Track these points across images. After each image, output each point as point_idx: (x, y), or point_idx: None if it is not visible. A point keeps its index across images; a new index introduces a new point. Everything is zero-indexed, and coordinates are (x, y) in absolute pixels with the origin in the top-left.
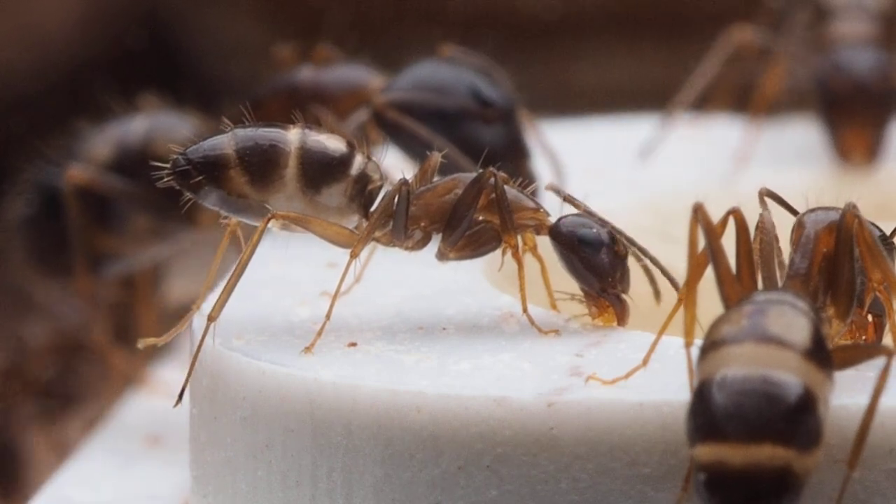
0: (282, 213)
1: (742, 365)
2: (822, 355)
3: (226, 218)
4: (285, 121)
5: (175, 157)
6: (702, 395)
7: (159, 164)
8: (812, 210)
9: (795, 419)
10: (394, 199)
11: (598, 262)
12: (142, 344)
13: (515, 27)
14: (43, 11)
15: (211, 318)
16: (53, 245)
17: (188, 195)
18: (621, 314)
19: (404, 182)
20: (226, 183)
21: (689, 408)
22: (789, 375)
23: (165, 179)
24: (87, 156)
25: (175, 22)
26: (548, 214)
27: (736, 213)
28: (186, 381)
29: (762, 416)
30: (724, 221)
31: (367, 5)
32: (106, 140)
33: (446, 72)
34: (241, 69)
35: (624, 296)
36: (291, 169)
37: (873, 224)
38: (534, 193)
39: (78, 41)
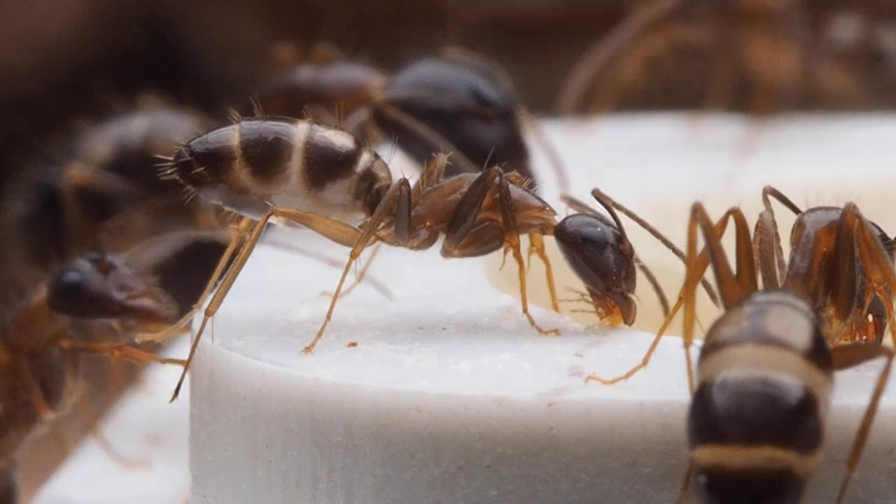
0: (282, 209)
1: (742, 367)
2: (823, 356)
3: (231, 216)
4: None
5: (178, 148)
6: (702, 397)
7: (162, 158)
8: (812, 210)
9: (796, 421)
10: (394, 198)
11: (602, 261)
12: (139, 339)
13: (515, 27)
14: (43, 12)
15: (208, 313)
16: (53, 244)
17: (190, 189)
18: (627, 313)
19: (404, 181)
20: (228, 175)
21: (689, 410)
22: (790, 377)
23: (168, 172)
24: (86, 155)
25: (175, 22)
26: (554, 213)
27: (736, 213)
28: (183, 375)
29: (762, 419)
30: (723, 221)
31: (367, 5)
32: (106, 140)
33: (446, 71)
34: (241, 69)
35: (630, 295)
36: (295, 163)
37: (873, 224)
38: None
39: (78, 41)
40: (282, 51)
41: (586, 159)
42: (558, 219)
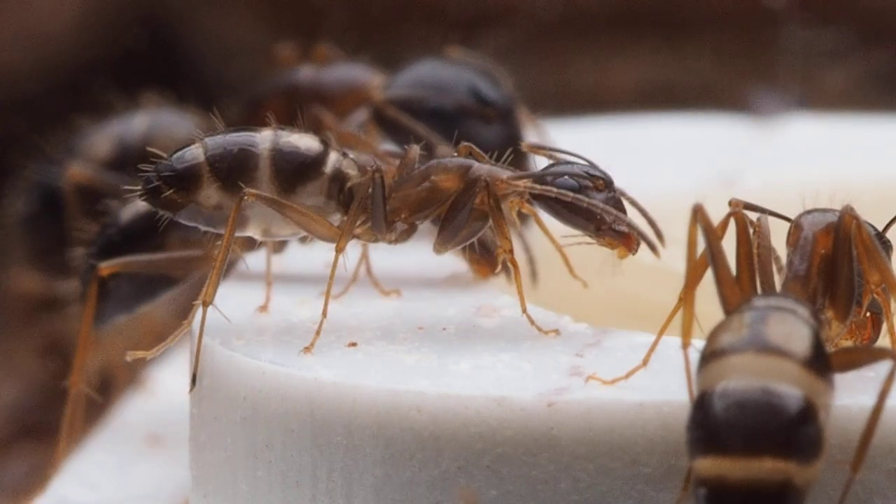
0: (254, 191)
1: (742, 376)
2: (823, 363)
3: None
4: (286, 120)
5: (146, 175)
6: (702, 406)
7: (131, 189)
8: (809, 211)
9: (796, 431)
10: (368, 188)
11: (582, 206)
12: (130, 357)
13: (515, 27)
14: (43, 12)
15: (206, 303)
16: (53, 243)
17: (163, 214)
18: (628, 245)
19: (376, 169)
20: (198, 194)
21: (689, 419)
22: (789, 387)
23: (140, 199)
24: (87, 153)
25: (175, 22)
26: (527, 179)
27: (737, 214)
28: (196, 365)
29: (763, 429)
30: (724, 223)
31: (367, 5)
32: (106, 138)
33: (447, 70)
34: (241, 69)
35: (622, 227)
36: (263, 171)
37: (870, 225)
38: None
39: (78, 41)
40: (282, 50)
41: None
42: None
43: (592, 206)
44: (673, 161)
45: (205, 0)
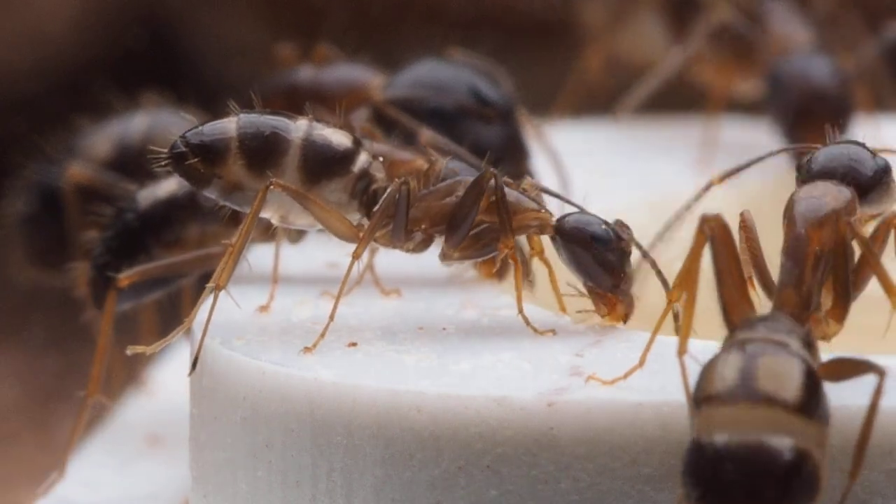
0: (281, 182)
1: (734, 430)
2: (816, 402)
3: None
4: None
5: (174, 139)
6: (698, 457)
7: (157, 150)
8: (801, 199)
9: (789, 485)
10: (394, 198)
11: (609, 259)
12: (130, 351)
13: (515, 27)
14: (43, 12)
15: (219, 287)
16: (53, 243)
17: (185, 182)
18: (631, 311)
19: (404, 181)
20: (222, 168)
21: (684, 464)
22: (782, 438)
23: (162, 164)
24: (87, 153)
25: (175, 22)
26: (551, 214)
27: (733, 217)
28: (199, 350)
29: (757, 484)
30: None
31: (367, 5)
32: (106, 138)
33: (446, 71)
34: (241, 69)
35: (628, 293)
36: (292, 159)
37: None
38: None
39: (78, 41)
40: (282, 50)
41: (586, 159)
42: (554, 219)
43: (615, 266)
44: (673, 161)
45: (205, 0)
